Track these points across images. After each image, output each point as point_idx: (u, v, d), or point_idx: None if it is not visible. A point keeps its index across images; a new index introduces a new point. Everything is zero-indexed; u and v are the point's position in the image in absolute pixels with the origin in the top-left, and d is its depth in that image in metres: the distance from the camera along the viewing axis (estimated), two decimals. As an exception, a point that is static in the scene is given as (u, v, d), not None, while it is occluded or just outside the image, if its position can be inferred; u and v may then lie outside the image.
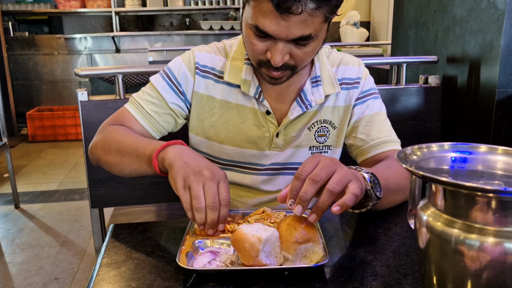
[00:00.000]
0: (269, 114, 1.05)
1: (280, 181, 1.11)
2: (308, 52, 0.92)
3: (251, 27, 0.90)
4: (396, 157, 0.55)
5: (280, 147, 1.08)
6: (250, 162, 1.09)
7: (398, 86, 1.66)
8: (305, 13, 0.83)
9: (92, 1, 5.40)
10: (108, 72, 1.50)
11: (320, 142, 1.09)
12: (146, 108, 1.06)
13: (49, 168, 4.07)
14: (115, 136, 0.99)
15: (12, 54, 5.27)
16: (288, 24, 0.84)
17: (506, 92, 1.50)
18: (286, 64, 0.92)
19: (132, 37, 5.60)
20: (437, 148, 0.60)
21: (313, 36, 0.88)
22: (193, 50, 1.09)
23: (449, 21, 1.71)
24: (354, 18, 4.91)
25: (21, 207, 3.16)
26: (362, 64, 1.14)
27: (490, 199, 0.48)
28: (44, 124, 4.93)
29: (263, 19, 0.86)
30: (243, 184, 1.11)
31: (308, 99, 1.05)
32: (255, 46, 0.92)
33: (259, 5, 0.85)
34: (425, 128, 1.65)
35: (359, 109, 1.10)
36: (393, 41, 2.16)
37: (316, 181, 0.71)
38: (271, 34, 0.87)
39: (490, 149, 0.60)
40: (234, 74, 1.04)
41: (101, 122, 1.40)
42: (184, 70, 1.07)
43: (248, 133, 1.06)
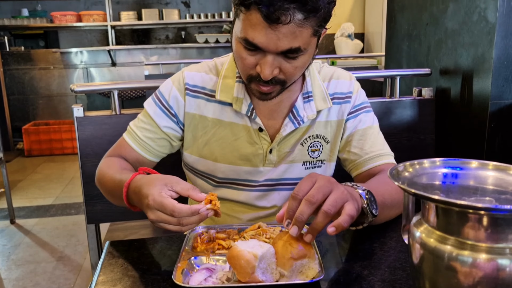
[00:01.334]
0: (262, 131, 1.05)
1: (274, 196, 1.11)
2: (297, 67, 0.92)
3: (240, 40, 0.90)
4: (389, 174, 0.56)
5: (274, 163, 1.08)
6: (244, 179, 1.09)
7: (392, 98, 1.68)
8: (293, 23, 0.83)
9: (88, 15, 5.43)
10: (104, 88, 1.50)
11: (313, 157, 1.09)
12: (141, 135, 1.08)
13: (45, 182, 4.06)
14: (103, 173, 1.04)
15: (8, 68, 5.28)
16: (277, 35, 0.85)
17: (498, 104, 1.52)
18: (275, 79, 0.92)
19: (128, 50, 5.62)
20: (429, 164, 0.61)
21: (302, 49, 0.88)
22: (183, 71, 1.10)
23: (441, 34, 1.74)
24: (349, 30, 4.96)
25: (16, 222, 3.14)
26: (353, 78, 1.14)
27: (481, 216, 0.49)
28: (40, 138, 4.92)
29: (252, 31, 0.86)
30: (237, 201, 1.11)
31: (300, 115, 1.05)
32: (245, 60, 0.92)
33: (248, 17, 0.86)
34: (419, 140, 1.66)
35: (352, 124, 1.10)
36: (387, 54, 2.18)
37: (312, 202, 0.71)
38: (261, 46, 0.87)
39: (481, 165, 0.61)
40: (225, 92, 1.05)
41: (97, 138, 1.42)
42: (174, 93, 1.08)
43: (242, 150, 1.07)
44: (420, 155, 1.66)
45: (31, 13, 5.65)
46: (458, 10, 1.62)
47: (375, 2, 4.92)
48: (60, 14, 5.40)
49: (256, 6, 0.83)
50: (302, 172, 1.09)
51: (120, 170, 1.01)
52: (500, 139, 1.55)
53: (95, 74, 5.57)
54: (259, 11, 0.83)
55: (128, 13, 5.54)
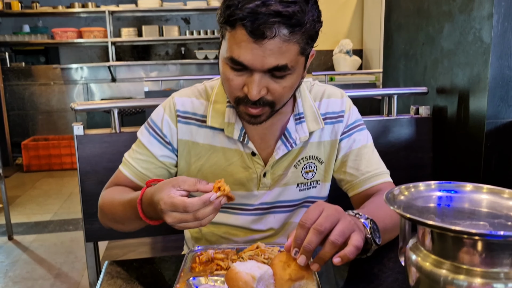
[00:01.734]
0: (255, 155, 1.04)
1: (270, 219, 1.10)
2: (286, 87, 0.91)
3: (226, 61, 0.89)
4: (385, 198, 0.57)
5: (268, 186, 1.07)
6: (239, 203, 1.08)
7: (389, 117, 1.69)
8: (279, 38, 0.83)
9: (88, 32, 5.49)
10: (104, 107, 1.52)
11: (307, 178, 1.08)
12: (138, 167, 1.07)
13: (43, 198, 4.05)
14: (109, 202, 1.02)
15: (8, 84, 5.31)
16: (263, 52, 0.84)
17: (494, 123, 1.53)
18: (263, 100, 0.91)
19: (128, 66, 5.67)
20: (424, 187, 0.62)
21: (289, 67, 0.87)
22: (173, 96, 1.09)
23: (437, 54, 1.76)
24: (347, 46, 5.01)
25: (14, 239, 3.13)
26: (345, 95, 1.13)
27: (476, 241, 0.50)
28: (39, 153, 4.93)
29: (238, 49, 0.85)
30: (233, 225, 1.10)
31: (293, 137, 1.04)
32: (231, 81, 0.91)
33: (233, 35, 0.86)
34: (417, 158, 1.67)
35: (346, 143, 1.09)
36: (384, 72, 2.21)
37: (320, 231, 0.72)
38: (247, 64, 0.86)
39: (476, 188, 0.62)
40: (216, 118, 1.04)
41: (97, 156, 1.43)
42: (166, 120, 1.06)
43: (236, 175, 1.05)
44: (417, 174, 1.67)
45: (32, 29, 5.71)
46: (454, 31, 1.65)
47: (373, 19, 4.98)
48: (61, 30, 5.45)
49: (240, 22, 0.83)
50: (296, 194, 1.08)
51: (127, 192, 1.00)
52: (497, 158, 1.56)
53: (95, 90, 5.60)
54: (244, 27, 0.83)
55: (129, 30, 5.60)
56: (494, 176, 1.57)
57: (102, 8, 5.43)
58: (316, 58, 5.29)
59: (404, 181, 1.15)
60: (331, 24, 5.26)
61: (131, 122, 4.89)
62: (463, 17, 1.60)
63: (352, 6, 5.27)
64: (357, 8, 5.27)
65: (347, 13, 5.28)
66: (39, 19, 5.86)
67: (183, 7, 5.52)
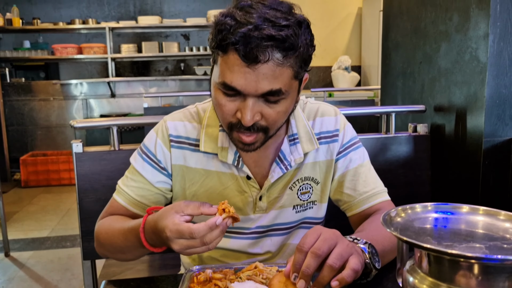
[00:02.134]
0: (250, 179, 1.02)
1: (267, 243, 1.08)
2: (280, 111, 0.89)
3: (219, 86, 0.88)
4: (382, 221, 0.57)
5: (264, 209, 1.05)
6: (235, 227, 1.06)
7: (388, 134, 1.70)
8: (272, 62, 0.82)
9: (88, 48, 5.53)
10: (103, 124, 1.52)
11: (303, 199, 1.07)
12: (133, 195, 1.04)
13: (41, 214, 4.03)
14: (107, 231, 1.00)
15: (8, 99, 5.33)
16: (256, 77, 0.83)
17: (492, 141, 1.54)
18: (257, 125, 0.89)
19: (128, 82, 5.70)
20: (421, 208, 0.62)
21: (283, 91, 0.85)
22: (166, 120, 1.06)
23: (434, 73, 1.78)
24: (345, 63, 5.05)
25: (11, 255, 3.11)
26: (338, 113, 1.10)
27: (472, 264, 0.50)
28: (37, 169, 4.92)
29: (231, 73, 0.84)
30: (230, 249, 1.09)
31: (288, 159, 1.02)
32: (224, 107, 0.88)
33: (226, 60, 0.84)
34: (415, 176, 1.67)
35: (342, 163, 1.07)
36: (382, 90, 2.22)
37: (318, 254, 0.72)
38: (240, 90, 0.85)
39: (472, 210, 0.62)
40: (210, 143, 1.02)
41: (95, 174, 1.43)
42: (160, 145, 1.04)
43: (231, 199, 1.03)
44: (416, 191, 1.67)
45: (33, 45, 5.75)
46: (450, 50, 1.67)
47: (371, 36, 5.03)
48: (61, 46, 5.49)
49: (233, 47, 0.82)
50: (293, 216, 1.07)
51: (125, 221, 0.98)
52: (495, 176, 1.56)
53: (94, 105, 5.62)
54: (236, 51, 0.81)
55: (129, 46, 5.64)
56: (492, 194, 1.57)
57: (102, 24, 5.48)
58: (315, 74, 5.33)
59: (402, 199, 1.16)
60: (330, 41, 5.31)
61: (130, 138, 4.90)
62: (459, 37, 1.62)
63: (350, 23, 5.33)
64: (355, 25, 5.33)
65: (345, 30, 5.34)
66: (39, 35, 5.91)
67: (183, 24, 5.58)
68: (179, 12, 6.18)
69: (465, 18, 1.58)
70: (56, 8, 5.94)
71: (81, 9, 6.01)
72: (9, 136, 5.30)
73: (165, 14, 6.11)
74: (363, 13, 5.24)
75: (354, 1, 5.27)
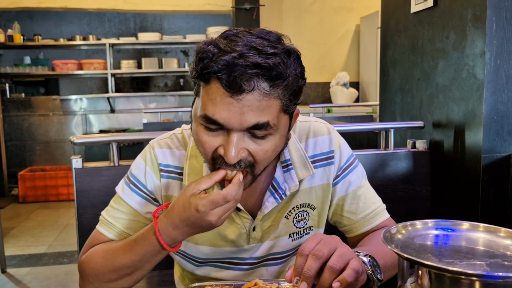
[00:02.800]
0: (240, 211, 0.95)
1: (263, 272, 1.04)
2: (268, 150, 0.81)
3: (200, 119, 0.80)
4: (382, 237, 0.57)
5: (258, 239, 0.99)
6: (229, 257, 1.01)
7: (387, 150, 1.71)
8: (258, 92, 0.74)
9: (88, 64, 5.56)
10: (103, 140, 1.53)
11: (299, 227, 1.01)
12: (121, 227, 0.95)
13: (38, 230, 4.01)
14: (99, 260, 0.91)
15: (7, 115, 5.34)
16: (240, 108, 0.75)
17: (491, 158, 1.55)
18: (244, 162, 0.80)
19: (127, 98, 5.72)
20: (421, 225, 0.63)
21: (271, 125, 0.78)
22: (153, 147, 0.97)
23: (432, 89, 1.79)
24: (344, 79, 5.09)
25: (8, 272, 3.08)
26: (332, 131, 1.01)
27: (473, 282, 0.50)
28: (35, 184, 4.91)
29: (213, 106, 0.76)
30: (223, 279, 1.03)
31: (282, 188, 0.95)
32: (205, 144, 0.81)
33: (208, 91, 0.77)
34: (415, 192, 1.68)
35: (341, 187, 1.01)
36: (381, 106, 2.24)
37: (318, 256, 0.71)
38: (222, 123, 0.77)
39: (472, 226, 0.62)
40: (194, 175, 0.94)
41: (94, 190, 1.43)
42: (150, 175, 0.96)
43: (223, 232, 0.97)
44: (416, 207, 1.67)
45: (33, 61, 5.79)
46: (448, 67, 1.69)
47: (369, 52, 5.08)
48: (62, 62, 5.53)
49: (215, 75, 0.75)
50: (289, 245, 1.02)
51: (123, 239, 0.91)
52: (494, 192, 1.57)
53: (93, 121, 5.64)
54: (219, 80, 0.74)
55: (128, 62, 5.68)
56: (492, 210, 1.57)
57: (103, 41, 5.53)
58: (313, 90, 5.37)
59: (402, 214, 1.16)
60: (328, 57, 5.36)
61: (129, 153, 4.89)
62: (456, 55, 1.64)
63: (348, 40, 5.38)
64: (353, 42, 5.38)
65: (344, 46, 5.39)
66: (40, 51, 5.95)
67: (183, 40, 5.63)
68: (179, 28, 6.24)
69: (462, 36, 1.60)
70: (57, 25, 5.99)
71: (82, 25, 6.06)
72: (8, 152, 5.30)
73: (165, 30, 6.17)
74: (361, 30, 5.30)
75: (352, 19, 5.33)
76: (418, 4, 1.85)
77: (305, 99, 5.34)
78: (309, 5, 5.20)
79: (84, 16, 6.04)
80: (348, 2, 5.29)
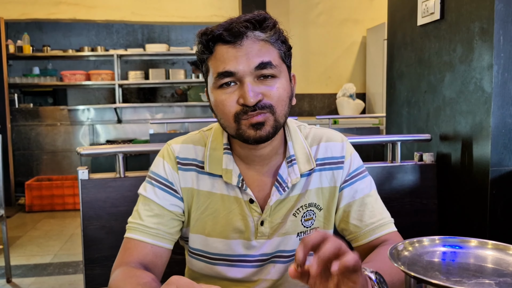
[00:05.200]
0: (253, 203, 1.01)
1: (270, 270, 1.06)
2: (278, 88, 0.93)
3: (215, 83, 0.93)
4: (389, 255, 0.56)
5: (267, 235, 1.03)
6: (239, 254, 1.05)
7: (393, 163, 1.70)
8: (254, 38, 0.91)
9: (96, 74, 5.61)
10: (109, 151, 1.53)
11: (307, 226, 1.05)
12: (149, 224, 1.00)
13: (44, 239, 4.01)
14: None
15: (15, 125, 5.39)
16: (245, 52, 0.90)
17: (499, 171, 1.53)
18: (262, 104, 0.91)
19: (134, 108, 5.75)
20: (428, 242, 0.62)
21: (274, 64, 0.92)
22: (170, 144, 1.06)
23: (439, 102, 1.79)
24: (350, 90, 5.09)
25: (13, 281, 3.07)
26: (345, 140, 1.09)
27: (481, 301, 0.49)
28: (42, 193, 4.93)
29: (222, 63, 0.91)
30: (232, 278, 1.06)
31: (285, 181, 1.01)
32: (226, 101, 0.92)
33: (215, 56, 0.93)
34: (422, 205, 1.66)
35: (348, 193, 1.06)
36: (388, 118, 2.23)
37: (306, 240, 0.68)
38: (234, 71, 0.90)
39: (480, 244, 0.61)
40: (214, 164, 1.02)
41: (100, 201, 1.42)
42: (168, 168, 1.03)
43: (235, 224, 1.02)
44: (423, 220, 1.66)
45: (42, 72, 5.85)
46: (455, 80, 1.68)
47: (376, 64, 5.08)
48: (70, 73, 5.58)
49: (218, 38, 0.91)
50: (296, 243, 1.05)
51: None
52: (503, 206, 1.55)
53: (100, 131, 5.67)
54: (221, 41, 0.91)
55: (136, 73, 5.73)
56: (501, 224, 1.55)
57: (110, 52, 5.58)
58: (319, 101, 5.37)
59: (409, 228, 1.15)
60: (334, 68, 5.37)
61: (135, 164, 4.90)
62: (463, 67, 1.63)
63: (355, 52, 5.40)
64: (360, 53, 5.39)
65: (350, 58, 5.40)
66: (49, 61, 6.02)
67: (190, 52, 5.67)
68: (186, 40, 6.29)
69: (469, 50, 1.60)
70: (66, 36, 6.07)
71: (90, 37, 6.13)
72: (15, 161, 5.34)
73: (172, 42, 6.23)
74: (368, 42, 5.31)
75: (358, 30, 5.35)
76: (424, 16, 1.85)
77: (311, 110, 5.34)
78: (315, 17, 5.23)
79: (92, 27, 6.12)
80: (354, 14, 5.31)
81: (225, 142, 1.03)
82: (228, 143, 1.03)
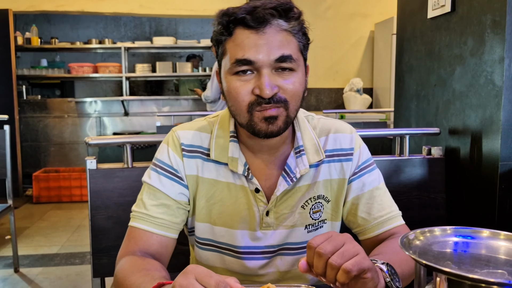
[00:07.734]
0: (259, 192, 0.99)
1: (277, 262, 1.05)
2: (295, 82, 0.90)
3: (232, 68, 0.89)
4: (400, 243, 0.56)
5: (272, 226, 1.01)
6: (244, 246, 1.03)
7: (401, 157, 1.68)
8: (278, 27, 0.88)
9: (104, 67, 5.62)
10: (117, 142, 1.54)
11: (315, 218, 1.03)
12: (154, 213, 0.98)
13: (51, 230, 4.04)
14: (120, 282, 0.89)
15: (23, 116, 5.42)
16: (266, 43, 0.87)
17: (509, 165, 1.52)
18: (277, 97, 0.89)
19: (141, 101, 5.76)
20: (440, 232, 0.61)
21: (293, 58, 0.89)
22: (175, 131, 1.03)
23: (449, 95, 1.77)
24: (357, 85, 5.06)
25: (20, 271, 3.10)
26: (354, 131, 1.07)
27: (494, 290, 0.48)
28: (49, 185, 4.96)
29: (241, 49, 0.87)
30: (241, 272, 1.05)
31: (293, 172, 0.99)
32: (239, 88, 0.89)
33: (234, 40, 0.89)
34: (430, 199, 1.65)
35: (357, 185, 1.04)
36: (396, 112, 2.21)
37: (320, 254, 0.70)
38: (253, 60, 0.87)
39: (493, 234, 0.61)
40: (220, 152, 0.99)
41: (108, 191, 1.43)
42: (173, 155, 1.01)
43: (241, 213, 1.01)
44: (431, 214, 1.65)
45: (50, 64, 5.87)
46: (465, 73, 1.66)
47: (384, 58, 5.05)
48: (78, 65, 5.59)
49: (240, 21, 0.87)
50: (305, 236, 1.03)
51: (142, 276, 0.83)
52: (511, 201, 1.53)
53: (107, 123, 5.68)
54: (243, 24, 0.87)
55: (143, 65, 5.73)
56: (510, 218, 1.54)
57: (118, 44, 5.59)
58: (326, 96, 5.35)
59: (417, 222, 1.14)
60: (342, 63, 5.34)
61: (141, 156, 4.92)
62: (474, 61, 1.61)
63: (362, 46, 5.36)
64: (367, 48, 5.36)
65: (357, 52, 5.37)
66: (57, 54, 6.04)
67: (197, 45, 5.66)
68: (193, 33, 6.29)
69: (480, 42, 1.58)
70: (74, 28, 6.08)
71: (98, 29, 6.14)
72: (23, 152, 5.37)
73: (179, 35, 6.22)
74: (375, 36, 5.27)
75: (366, 25, 5.31)
76: (435, 9, 1.83)
77: (318, 104, 5.32)
78: (323, 11, 5.19)
79: (100, 20, 6.12)
80: (362, 8, 5.27)
81: (232, 130, 1.01)
82: (234, 131, 1.01)
